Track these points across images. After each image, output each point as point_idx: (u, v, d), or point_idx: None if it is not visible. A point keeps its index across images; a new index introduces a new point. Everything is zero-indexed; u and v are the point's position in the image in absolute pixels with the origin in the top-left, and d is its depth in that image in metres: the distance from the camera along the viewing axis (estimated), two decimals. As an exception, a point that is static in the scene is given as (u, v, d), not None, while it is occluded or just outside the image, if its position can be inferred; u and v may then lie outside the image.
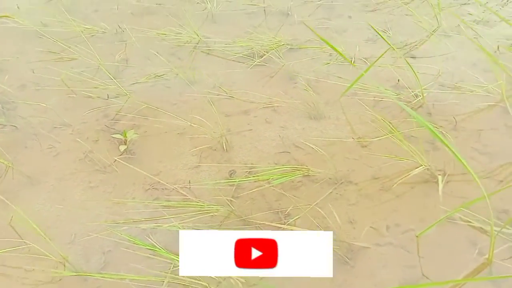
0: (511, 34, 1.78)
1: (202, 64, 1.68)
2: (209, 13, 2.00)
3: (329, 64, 1.66)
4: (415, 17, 1.95)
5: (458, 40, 1.78)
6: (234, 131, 1.40)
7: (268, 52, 1.71)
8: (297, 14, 1.99)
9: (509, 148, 1.28)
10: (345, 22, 1.94)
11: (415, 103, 1.46)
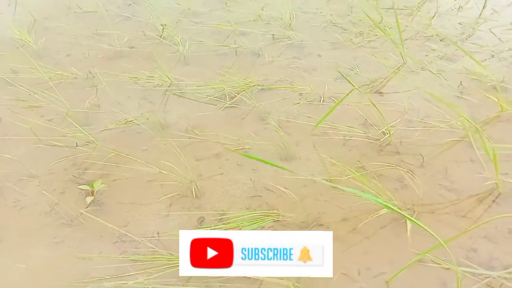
0: (473, 69, 1.85)
1: (174, 107, 1.69)
2: (181, 55, 2.03)
3: (299, 104, 1.69)
4: (381, 54, 2.02)
5: (423, 75, 1.85)
6: (206, 175, 1.40)
7: (239, 94, 1.74)
8: (268, 54, 2.04)
9: (475, 183, 1.31)
10: (314, 61, 1.99)
11: (383, 141, 1.48)
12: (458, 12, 2.45)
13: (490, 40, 2.14)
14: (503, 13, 2.44)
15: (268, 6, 2.54)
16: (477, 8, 2.50)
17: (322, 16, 2.42)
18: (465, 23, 2.31)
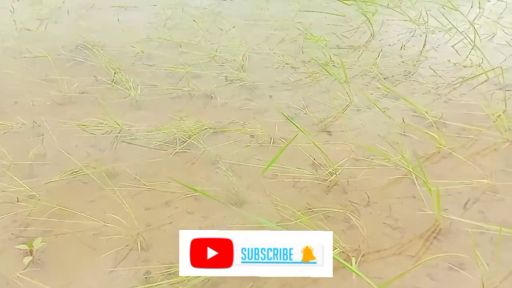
0: (416, 107, 1.95)
1: (123, 154, 1.67)
2: (133, 100, 2.03)
3: (250, 147, 1.71)
4: (330, 93, 2.10)
5: (368, 114, 1.93)
6: (154, 225, 1.37)
7: (190, 138, 1.74)
8: (220, 97, 2.07)
9: (418, 220, 1.35)
10: (266, 102, 2.04)
11: (330, 181, 1.52)
12: (401, 51, 2.61)
13: (430, 76, 2.28)
14: (441, 51, 2.62)
15: (222, 48, 2.60)
16: (418, 46, 2.68)
17: (274, 57, 2.51)
18: (407, 61, 2.46)
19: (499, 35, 2.89)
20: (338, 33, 2.91)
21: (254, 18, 3.16)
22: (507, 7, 3.51)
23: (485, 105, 1.98)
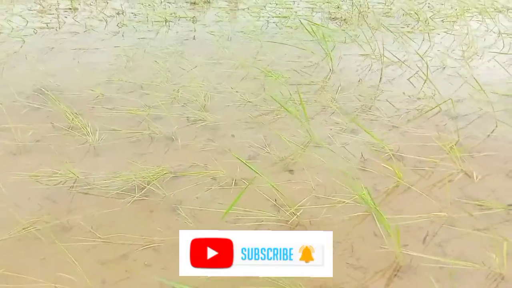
0: (373, 140, 2.00)
1: (78, 205, 1.60)
2: (90, 146, 1.97)
3: (211, 190, 1.68)
4: (291, 131, 2.12)
5: (328, 150, 1.96)
6: (110, 281, 1.30)
7: (150, 184, 1.70)
8: (182, 138, 2.06)
9: (379, 258, 1.35)
10: (228, 142, 2.04)
11: (292, 222, 1.51)
12: (358, 85, 2.70)
13: (387, 110, 2.36)
14: (396, 84, 2.73)
15: (184, 88, 2.61)
16: (375, 80, 2.78)
17: (236, 95, 2.53)
18: (365, 95, 2.54)
19: (449, 67, 3.06)
20: (298, 69, 3.00)
21: (216, 57, 3.21)
22: (455, 39, 3.75)
23: (439, 136, 2.05)
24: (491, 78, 2.85)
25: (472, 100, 2.46)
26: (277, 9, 4.91)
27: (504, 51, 3.44)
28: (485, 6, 5.16)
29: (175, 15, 4.46)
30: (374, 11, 4.89)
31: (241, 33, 3.89)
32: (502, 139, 2.03)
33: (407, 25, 4.27)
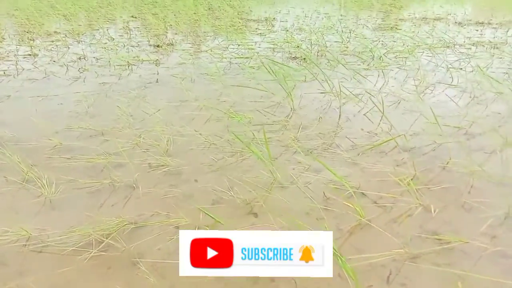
0: (334, 178, 2.03)
1: (31, 266, 1.50)
2: (46, 199, 1.89)
3: (173, 240, 1.64)
4: (254, 172, 2.13)
5: (292, 190, 1.97)
6: None
7: (108, 237, 1.63)
8: (143, 186, 2.01)
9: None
10: (191, 187, 2.01)
11: (257, 269, 1.48)
12: (319, 123, 2.78)
13: (347, 146, 2.43)
14: (355, 120, 2.83)
15: (146, 133, 2.59)
16: (334, 117, 2.87)
17: (200, 138, 2.53)
18: (325, 133, 2.61)
19: (403, 101, 3.21)
20: (261, 109, 3.05)
21: (180, 100, 3.23)
22: (408, 75, 3.96)
23: (397, 171, 2.12)
24: (443, 111, 3.01)
25: (426, 134, 2.58)
26: (240, 50, 5.06)
27: (453, 84, 3.67)
28: (434, 42, 5.54)
29: (138, 59, 4.49)
30: (332, 49, 5.13)
31: (205, 74, 3.96)
32: (456, 171, 2.12)
33: (363, 62, 4.50)
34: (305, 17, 8.27)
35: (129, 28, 6.36)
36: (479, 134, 2.60)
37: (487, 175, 2.08)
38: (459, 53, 4.96)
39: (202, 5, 9.43)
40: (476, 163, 2.20)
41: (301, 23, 7.37)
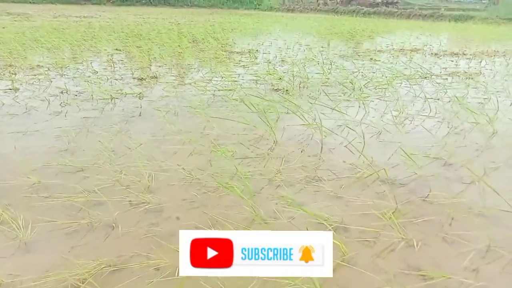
0: (317, 212, 2.03)
1: (1, 316, 1.43)
2: (21, 242, 1.83)
3: (153, 283, 1.59)
4: (236, 207, 2.11)
5: (275, 225, 1.95)
6: None
7: (85, 282, 1.57)
8: (123, 225, 1.97)
9: None
10: (173, 225, 1.98)
11: (239, 312, 1.44)
12: (301, 156, 2.79)
13: (329, 179, 2.44)
14: (336, 153, 2.86)
15: (127, 169, 2.55)
16: (316, 149, 2.90)
17: (182, 173, 2.51)
18: (307, 166, 2.62)
19: (383, 132, 3.28)
20: (244, 142, 3.06)
21: (163, 134, 3.22)
22: (387, 105, 4.06)
23: (379, 204, 2.13)
24: (422, 141, 3.08)
25: (406, 165, 2.62)
26: (223, 82, 5.12)
27: (431, 115, 3.77)
28: (412, 73, 5.73)
29: (122, 92, 4.50)
30: (313, 81, 5.25)
31: (188, 107, 3.98)
32: (436, 203, 2.14)
33: (344, 93, 4.60)
34: (287, 49, 8.49)
35: (113, 61, 6.41)
36: (458, 164, 2.65)
37: (467, 206, 2.11)
38: (436, 84, 5.13)
39: (186, 38, 9.60)
40: (456, 194, 2.24)
41: (283, 55, 7.55)
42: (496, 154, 2.87)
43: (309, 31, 13.56)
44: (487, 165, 2.64)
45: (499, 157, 2.81)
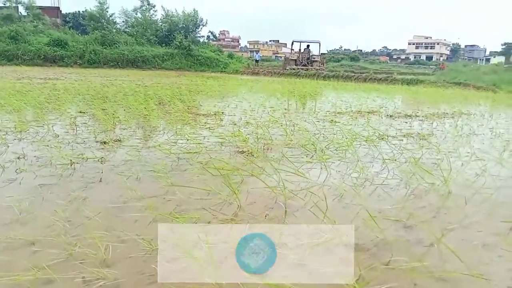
0: (281, 283, 1.98)
1: None
2: (-46, 332, 1.64)
3: None
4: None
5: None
6: None
7: None
8: (74, 306, 1.82)
9: None
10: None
11: None
12: (265, 221, 2.77)
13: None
14: (300, 216, 2.86)
15: (82, 241, 2.42)
16: (280, 213, 2.89)
17: (142, 243, 2.41)
18: (271, 231, 2.59)
19: (345, 194, 3.35)
20: (208, 207, 3.02)
21: (123, 200, 3.13)
22: (348, 167, 4.19)
23: (342, 271, 2.11)
24: (382, 203, 3.16)
25: (368, 228, 2.65)
26: (188, 144, 5.15)
27: (390, 176, 3.92)
28: (370, 135, 6.02)
29: (83, 156, 4.39)
30: (277, 142, 5.38)
31: (151, 171, 3.92)
32: (398, 267, 2.16)
33: (306, 155, 4.73)
34: (252, 111, 8.75)
35: (76, 124, 6.33)
36: (417, 226, 2.72)
37: (428, 270, 2.14)
38: (392, 145, 5.40)
39: (152, 100, 9.72)
40: (417, 257, 2.27)
41: (248, 117, 7.76)
42: (452, 214, 2.98)
43: (273, 93, 14.15)
44: (444, 226, 2.73)
45: (454, 217, 2.92)
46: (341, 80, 27.71)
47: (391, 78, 26.81)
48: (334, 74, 29.57)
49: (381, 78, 27.05)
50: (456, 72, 31.86)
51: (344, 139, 5.61)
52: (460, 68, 40.62)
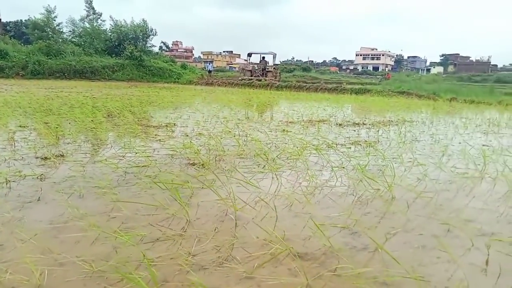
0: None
1: None
2: None
3: None
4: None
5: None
6: None
7: None
8: None
9: None
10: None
11: None
12: (215, 234, 2.72)
13: (242, 258, 2.39)
14: (250, 228, 2.84)
15: (14, 266, 2.24)
16: (231, 226, 2.86)
17: (82, 266, 2.27)
18: (221, 245, 2.55)
19: (295, 204, 3.38)
20: (155, 223, 2.92)
21: (63, 220, 2.94)
22: (298, 176, 4.24)
23: (291, 281, 2.12)
24: (330, 211, 3.22)
25: (316, 237, 2.69)
26: (137, 158, 4.98)
27: (338, 184, 4.02)
28: (319, 143, 6.16)
29: (20, 174, 4.10)
30: (229, 153, 5.35)
31: (96, 187, 3.73)
32: (344, 275, 2.20)
33: (258, 165, 4.74)
34: (205, 122, 8.68)
35: (15, 139, 5.92)
36: (363, 232, 2.80)
37: (372, 276, 2.19)
38: (341, 153, 5.56)
39: (101, 112, 9.35)
40: (362, 263, 2.32)
41: (201, 128, 7.68)
42: (395, 219, 3.10)
43: (226, 103, 14.15)
44: (388, 231, 2.83)
45: (397, 222, 3.04)
46: (293, 90, 28.35)
47: (340, 88, 27.83)
48: (287, 84, 30.20)
49: (331, 88, 28.01)
50: (400, 81, 33.79)
51: (295, 148, 5.70)
52: (403, 78, 43.20)
